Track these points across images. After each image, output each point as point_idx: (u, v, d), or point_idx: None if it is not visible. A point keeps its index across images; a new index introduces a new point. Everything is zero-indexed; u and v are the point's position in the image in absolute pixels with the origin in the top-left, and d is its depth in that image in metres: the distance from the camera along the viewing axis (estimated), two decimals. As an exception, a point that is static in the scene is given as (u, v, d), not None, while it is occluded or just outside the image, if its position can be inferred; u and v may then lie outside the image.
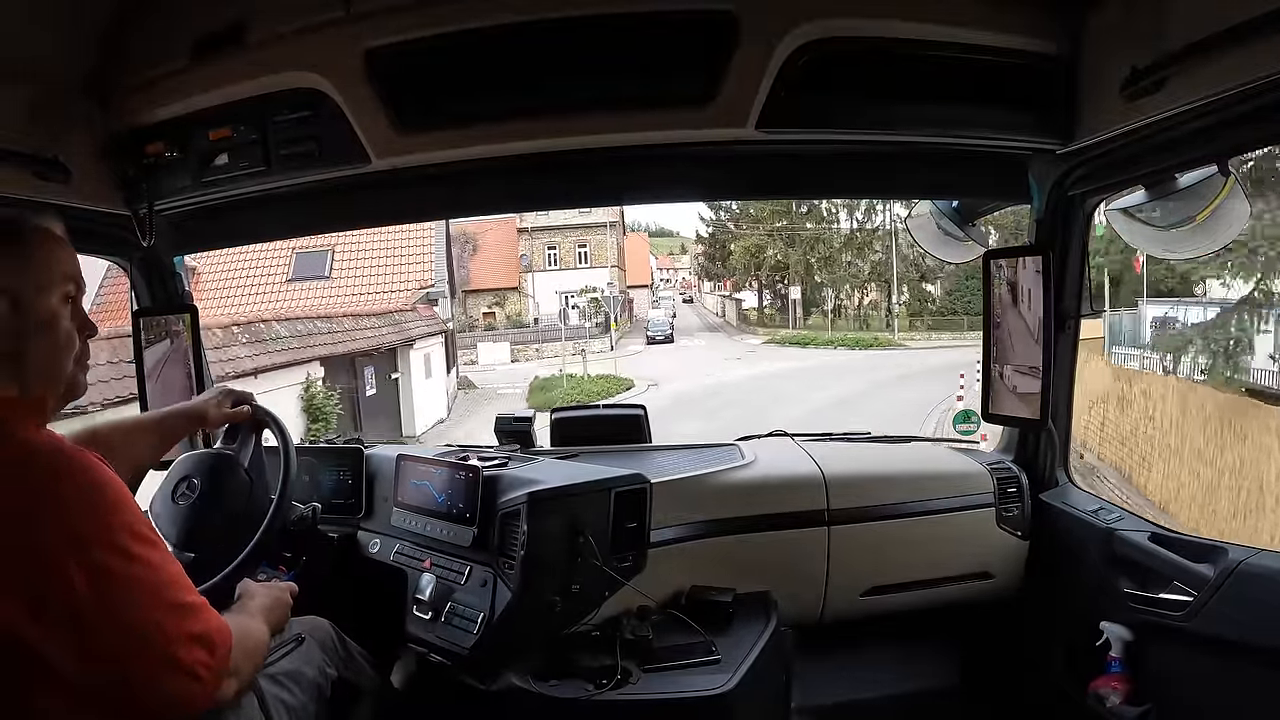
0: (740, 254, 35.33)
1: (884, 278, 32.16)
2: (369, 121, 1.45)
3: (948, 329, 29.07)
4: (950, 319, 30.03)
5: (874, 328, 31.59)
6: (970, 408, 8.85)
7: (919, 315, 31.30)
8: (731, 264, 36.25)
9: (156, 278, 2.00)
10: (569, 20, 1.35)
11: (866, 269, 32.83)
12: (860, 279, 33.15)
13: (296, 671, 1.28)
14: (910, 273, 31.36)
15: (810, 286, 33.26)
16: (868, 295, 34.00)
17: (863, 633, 2.02)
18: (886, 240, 31.60)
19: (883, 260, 32.07)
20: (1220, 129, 1.25)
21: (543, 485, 1.61)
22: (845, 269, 32.78)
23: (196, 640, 0.91)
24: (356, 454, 1.95)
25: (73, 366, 1.00)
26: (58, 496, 0.85)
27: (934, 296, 31.87)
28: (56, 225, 1.00)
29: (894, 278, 31.65)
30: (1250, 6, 1.01)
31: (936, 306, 31.72)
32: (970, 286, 28.09)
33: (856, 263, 33.03)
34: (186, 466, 1.48)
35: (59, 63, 1.45)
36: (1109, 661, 1.63)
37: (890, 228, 30.80)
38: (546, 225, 34.66)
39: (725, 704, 1.43)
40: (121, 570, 0.86)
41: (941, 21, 1.37)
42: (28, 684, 0.83)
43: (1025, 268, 1.76)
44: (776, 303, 36.35)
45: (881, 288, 33.13)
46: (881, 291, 33.22)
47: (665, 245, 63.07)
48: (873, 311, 33.53)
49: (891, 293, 32.29)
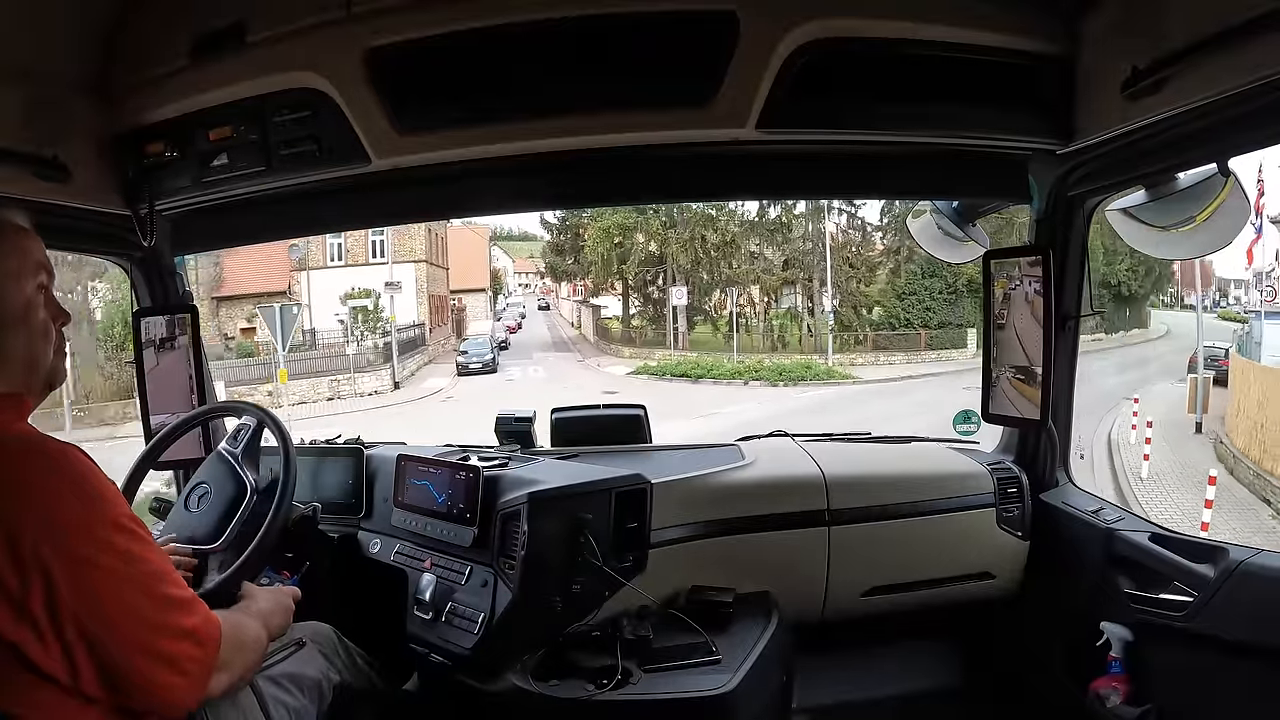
0: (596, 241, 24.27)
1: (807, 278, 24.14)
2: (369, 121, 1.45)
3: (897, 348, 22.63)
4: (899, 335, 23.09)
5: (791, 347, 23.50)
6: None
7: (852, 329, 23.46)
8: (585, 257, 25.26)
9: (157, 277, 2.00)
10: (569, 20, 1.35)
11: (780, 263, 24.27)
12: (773, 277, 24.22)
13: (297, 674, 1.28)
14: (843, 270, 23.60)
15: (698, 287, 24.36)
16: (781, 301, 25.23)
17: (863, 633, 2.02)
18: (810, 225, 23.69)
19: (809, 252, 23.87)
20: (1220, 129, 1.25)
21: (543, 486, 1.61)
22: (749, 263, 24.03)
23: (182, 633, 0.91)
24: (357, 454, 1.95)
25: (51, 355, 1.00)
26: (38, 488, 0.85)
27: (870, 302, 23.97)
28: (21, 217, 0.99)
29: (825, 278, 23.28)
30: (1250, 6, 1.01)
31: (877, 318, 23.90)
32: (927, 289, 22.94)
33: (766, 255, 24.29)
34: (201, 474, 1.49)
35: (59, 63, 1.44)
36: (1109, 661, 1.63)
37: (814, 206, 22.90)
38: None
39: (726, 704, 1.43)
40: (102, 562, 0.86)
41: (941, 21, 1.37)
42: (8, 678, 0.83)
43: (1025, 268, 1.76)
44: (650, 310, 25.58)
45: (802, 291, 24.68)
46: (803, 296, 24.71)
47: (526, 249, 51.53)
48: (789, 322, 24.69)
49: (814, 298, 24.04)
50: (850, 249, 24.07)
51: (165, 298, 2.02)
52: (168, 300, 2.02)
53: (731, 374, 20.46)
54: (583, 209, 17.59)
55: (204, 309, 18.82)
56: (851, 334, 23.48)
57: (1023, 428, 1.97)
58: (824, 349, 22.51)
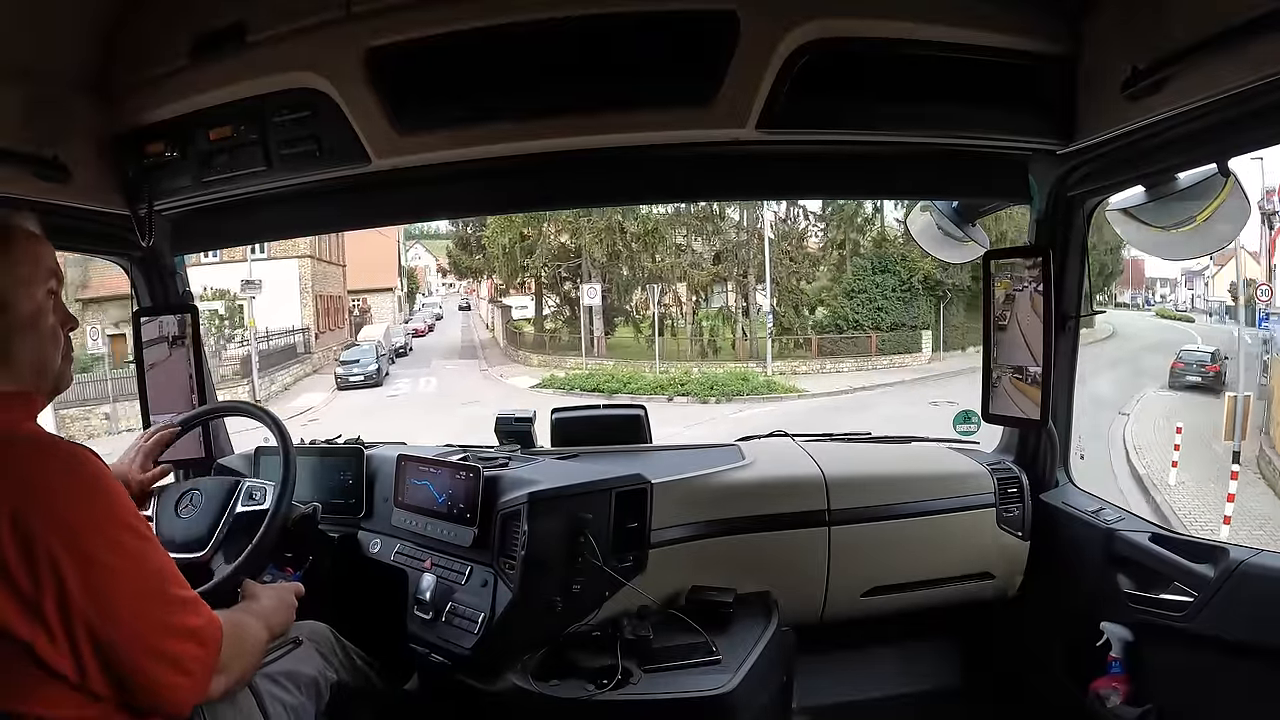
0: (496, 232, 21.23)
1: (742, 273, 21.07)
2: (369, 121, 1.45)
3: (844, 353, 19.99)
4: (847, 339, 20.19)
5: (724, 353, 20.35)
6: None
7: (793, 331, 20.44)
8: (490, 252, 21.92)
9: (157, 277, 2.00)
10: (569, 20, 1.35)
11: (710, 256, 21.17)
12: (702, 273, 20.98)
13: (294, 671, 1.28)
14: (783, 265, 20.53)
15: (617, 285, 21.29)
16: (712, 300, 22.33)
17: (863, 633, 2.02)
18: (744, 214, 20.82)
19: (743, 244, 20.92)
20: (1220, 129, 1.25)
21: (543, 486, 1.61)
22: (675, 257, 20.90)
23: (187, 634, 0.92)
24: (357, 454, 1.94)
25: (59, 361, 1.01)
26: (50, 488, 0.86)
27: (813, 301, 21.05)
28: (33, 221, 0.99)
29: (763, 273, 20.10)
30: (1250, 6, 1.01)
31: (821, 318, 20.91)
32: (879, 286, 20.17)
33: (694, 247, 21.27)
34: (186, 484, 1.50)
35: (59, 63, 1.44)
36: (1109, 662, 1.63)
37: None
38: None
39: (726, 704, 1.43)
40: (112, 562, 0.86)
41: (941, 21, 1.37)
42: (18, 676, 0.83)
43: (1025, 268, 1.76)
44: (568, 311, 22.51)
45: (735, 288, 21.59)
46: (737, 295, 21.58)
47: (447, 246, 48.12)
48: (721, 324, 21.45)
49: (750, 296, 21.02)
50: (791, 241, 21.07)
51: (165, 298, 2.02)
52: (168, 300, 2.02)
53: (653, 387, 17.04)
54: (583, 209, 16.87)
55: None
56: (792, 337, 20.41)
57: (1023, 428, 1.97)
58: (761, 355, 19.40)
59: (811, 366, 19.66)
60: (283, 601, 1.22)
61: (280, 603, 1.21)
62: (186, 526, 1.42)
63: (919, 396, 14.53)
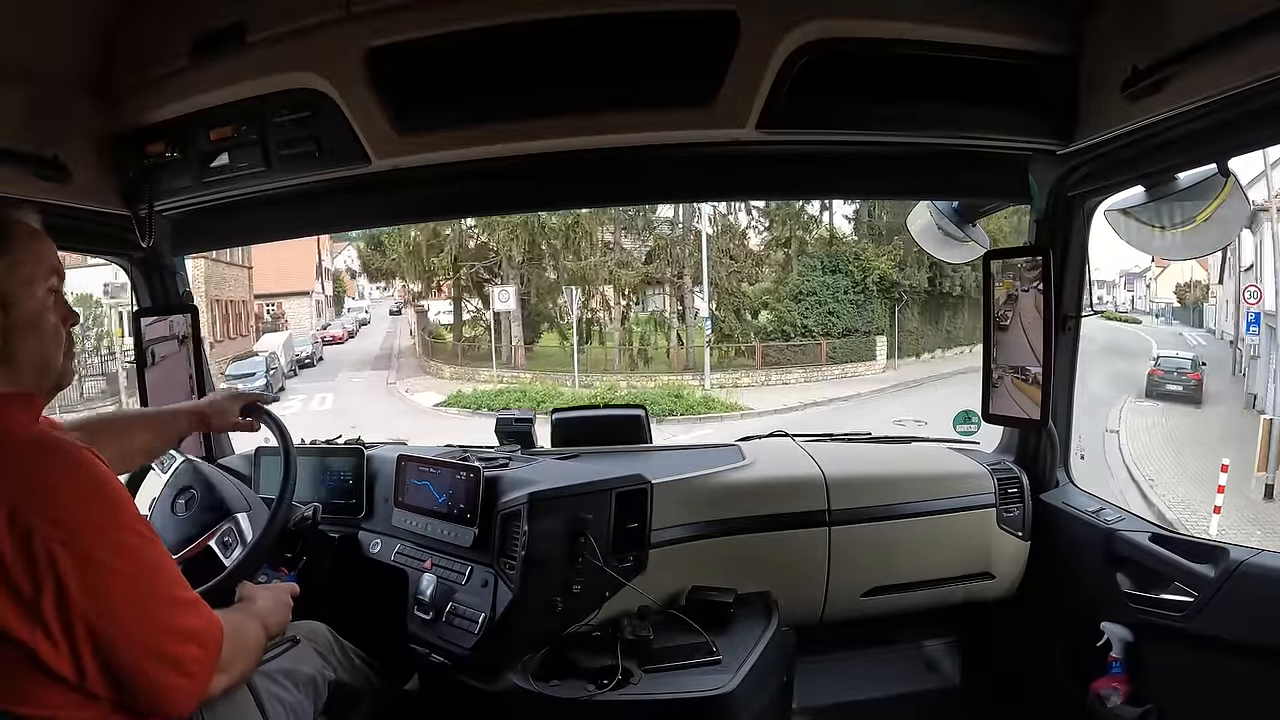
0: (400, 229, 18.30)
1: (677, 273, 18.84)
2: (369, 122, 1.45)
3: (791, 362, 18.15)
4: (795, 346, 18.31)
5: (657, 363, 18.52)
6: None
7: (734, 339, 18.57)
8: (393, 251, 19.68)
9: (157, 277, 2.00)
10: (569, 20, 1.35)
11: (642, 255, 19.06)
12: (631, 273, 18.59)
13: (292, 670, 1.28)
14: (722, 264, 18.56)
15: (538, 287, 19.13)
16: (647, 303, 20.03)
17: (863, 633, 2.02)
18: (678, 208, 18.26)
19: (678, 241, 18.89)
20: (1220, 129, 1.25)
21: (543, 486, 1.61)
22: (602, 255, 18.52)
23: (188, 635, 0.91)
24: (357, 454, 1.94)
25: (61, 358, 1.00)
26: (50, 488, 0.85)
27: (756, 305, 19.00)
28: (34, 219, 0.99)
29: (701, 274, 18.17)
30: (1250, 6, 1.01)
31: (765, 324, 18.89)
32: (830, 288, 18.35)
33: (624, 245, 19.04)
34: (183, 479, 1.49)
35: (59, 63, 1.45)
36: (1110, 662, 1.63)
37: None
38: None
39: (726, 704, 1.43)
40: (112, 563, 0.86)
41: (942, 22, 1.37)
42: (18, 677, 0.83)
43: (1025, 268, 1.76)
44: (488, 316, 19.76)
45: (670, 291, 19.34)
46: (672, 298, 19.37)
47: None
48: (653, 331, 19.52)
49: (686, 299, 18.94)
50: (731, 237, 18.97)
51: (165, 298, 2.02)
52: (168, 300, 2.02)
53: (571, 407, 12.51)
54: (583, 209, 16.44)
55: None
56: (733, 345, 18.35)
57: (1023, 428, 1.97)
58: (699, 366, 17.35)
59: (755, 378, 17.66)
60: (279, 602, 1.22)
61: (277, 603, 1.21)
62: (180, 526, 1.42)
63: (882, 414, 12.66)
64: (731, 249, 19.00)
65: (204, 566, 1.38)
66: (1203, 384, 14.26)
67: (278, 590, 1.26)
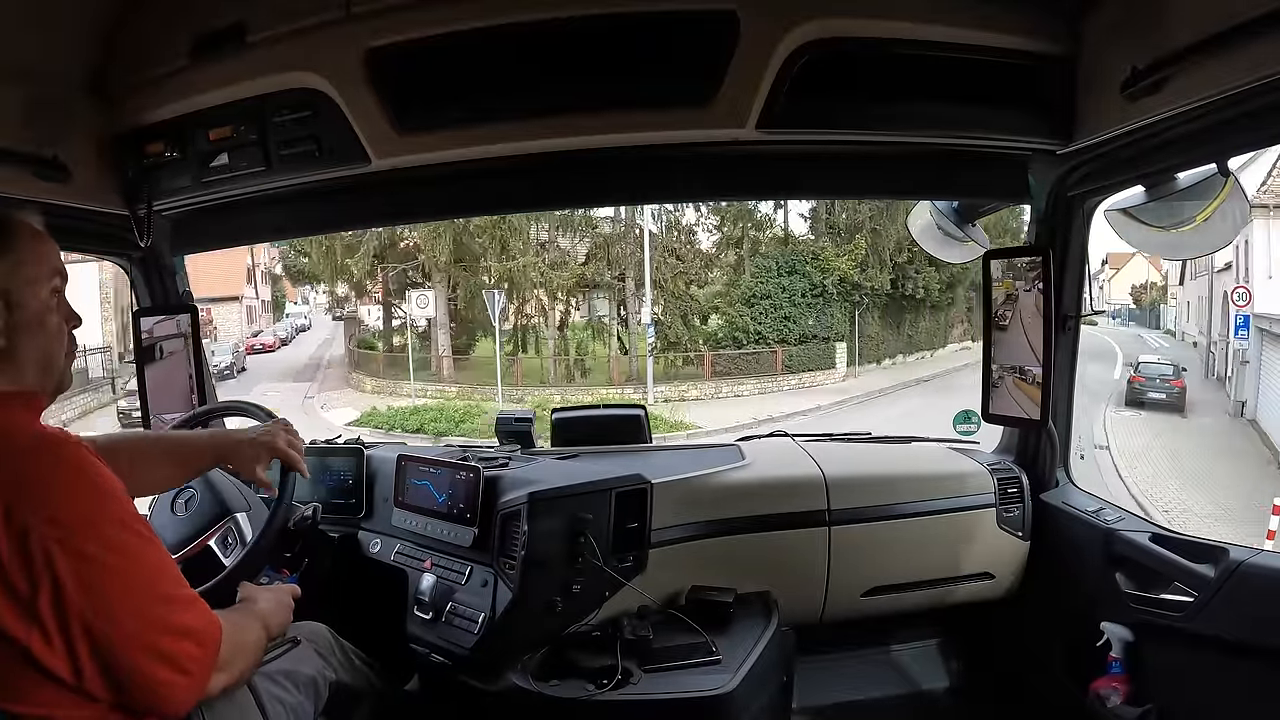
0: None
1: (618, 275, 17.52)
2: (369, 122, 1.45)
3: (743, 372, 17.06)
4: (747, 355, 17.11)
5: (596, 375, 17.12)
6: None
7: (680, 347, 17.20)
8: (309, 254, 18.58)
9: (157, 277, 2.00)
10: (569, 20, 1.35)
11: (581, 257, 17.70)
12: (565, 274, 17.25)
13: (293, 671, 1.28)
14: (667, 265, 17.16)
15: (468, 292, 17.64)
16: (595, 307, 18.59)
17: (863, 633, 2.02)
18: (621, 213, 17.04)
19: (619, 239, 17.47)
20: (1220, 129, 1.25)
21: (543, 486, 1.61)
22: (535, 255, 17.12)
23: (185, 632, 0.91)
24: (357, 454, 1.95)
25: (63, 359, 1.01)
26: (48, 486, 0.85)
27: (705, 309, 17.80)
28: (38, 220, 0.99)
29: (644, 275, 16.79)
30: (1250, 6, 1.01)
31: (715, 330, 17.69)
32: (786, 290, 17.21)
33: (559, 244, 17.72)
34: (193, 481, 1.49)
35: (59, 63, 1.45)
36: (1110, 662, 1.63)
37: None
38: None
39: (726, 704, 1.43)
40: (109, 561, 0.86)
41: (941, 21, 1.37)
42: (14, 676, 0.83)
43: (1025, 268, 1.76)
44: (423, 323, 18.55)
45: (610, 295, 18.10)
46: (613, 303, 18.12)
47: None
48: (591, 339, 18.05)
49: (628, 304, 17.58)
50: (678, 235, 17.59)
51: (165, 298, 2.02)
52: (168, 300, 2.02)
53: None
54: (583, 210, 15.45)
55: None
56: (681, 353, 16.91)
57: (1023, 428, 1.97)
58: (642, 377, 15.82)
59: (704, 390, 16.31)
60: (280, 603, 1.22)
61: (278, 604, 1.21)
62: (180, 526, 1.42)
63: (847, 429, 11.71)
64: (678, 248, 17.62)
65: (204, 566, 1.38)
66: (1186, 391, 13.84)
67: (279, 591, 1.26)
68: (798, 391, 16.55)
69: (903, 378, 17.83)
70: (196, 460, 1.31)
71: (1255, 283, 12.61)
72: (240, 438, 1.31)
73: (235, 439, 1.32)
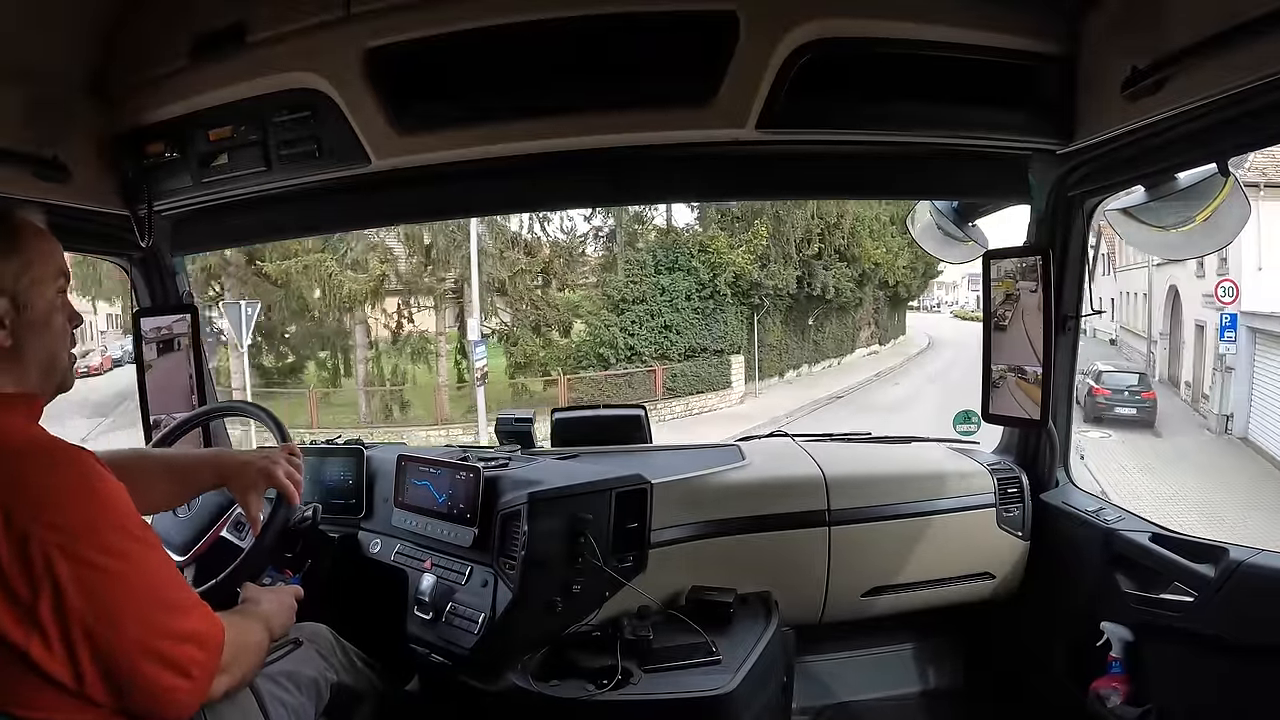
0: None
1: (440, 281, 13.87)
2: (369, 122, 1.45)
3: (615, 396, 13.32)
4: (619, 375, 13.78)
5: (417, 410, 13.73)
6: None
7: (531, 367, 14.13)
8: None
9: (157, 278, 2.00)
10: (569, 20, 1.35)
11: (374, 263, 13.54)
12: (365, 279, 13.30)
13: (294, 672, 1.28)
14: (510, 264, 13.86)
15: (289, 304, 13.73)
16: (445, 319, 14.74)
17: (863, 633, 2.02)
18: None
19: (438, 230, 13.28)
20: (1220, 129, 1.25)
21: (543, 486, 1.61)
22: (319, 255, 13.07)
23: (188, 637, 0.91)
24: (357, 454, 1.95)
25: (66, 359, 1.01)
26: (46, 491, 0.85)
27: (565, 318, 14.46)
28: (41, 219, 0.99)
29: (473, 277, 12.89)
30: (1250, 6, 1.01)
31: (578, 343, 14.37)
32: (667, 293, 14.03)
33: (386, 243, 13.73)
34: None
35: (59, 63, 1.45)
36: (1110, 662, 1.63)
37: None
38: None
39: (726, 704, 1.43)
40: (111, 567, 0.86)
41: (941, 21, 1.37)
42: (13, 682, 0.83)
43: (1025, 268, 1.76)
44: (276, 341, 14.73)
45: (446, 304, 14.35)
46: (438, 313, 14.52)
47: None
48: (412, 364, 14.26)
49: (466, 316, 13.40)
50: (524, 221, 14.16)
51: (165, 298, 2.02)
52: (168, 300, 2.02)
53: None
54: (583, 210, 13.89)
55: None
56: (531, 377, 13.67)
57: (1023, 428, 1.97)
58: (474, 412, 12.24)
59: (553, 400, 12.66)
60: (282, 604, 1.22)
61: (280, 605, 1.21)
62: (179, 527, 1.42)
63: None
64: (528, 240, 13.95)
65: (221, 555, 1.37)
66: (1157, 404, 12.37)
67: (282, 593, 1.26)
68: (682, 421, 12.88)
69: (813, 394, 15.15)
70: (197, 479, 1.31)
71: (1242, 276, 11.13)
72: (243, 459, 1.30)
73: (239, 460, 1.30)
